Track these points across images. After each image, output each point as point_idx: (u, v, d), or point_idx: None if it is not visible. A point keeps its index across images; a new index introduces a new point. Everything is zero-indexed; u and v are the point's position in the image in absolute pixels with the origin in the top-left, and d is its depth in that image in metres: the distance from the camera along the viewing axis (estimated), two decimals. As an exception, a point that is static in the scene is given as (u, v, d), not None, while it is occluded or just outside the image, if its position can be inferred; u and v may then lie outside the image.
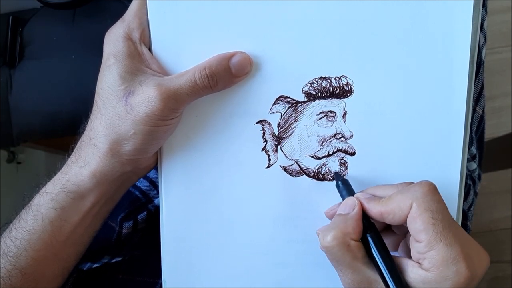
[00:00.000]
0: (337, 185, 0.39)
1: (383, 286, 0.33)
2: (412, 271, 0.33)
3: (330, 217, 0.39)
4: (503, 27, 1.23)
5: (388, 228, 0.39)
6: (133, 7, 0.39)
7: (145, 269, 0.51)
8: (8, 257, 0.38)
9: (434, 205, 0.33)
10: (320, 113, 0.40)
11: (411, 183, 0.36)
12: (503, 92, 1.24)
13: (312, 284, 0.42)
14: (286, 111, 0.40)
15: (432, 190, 0.33)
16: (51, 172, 0.41)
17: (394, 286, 0.32)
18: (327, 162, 0.40)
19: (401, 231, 0.38)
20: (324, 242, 0.34)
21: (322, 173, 0.40)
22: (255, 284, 0.42)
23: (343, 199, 0.38)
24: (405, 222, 0.33)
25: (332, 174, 0.40)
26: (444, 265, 0.31)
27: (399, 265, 0.34)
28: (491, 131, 1.17)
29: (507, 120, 1.23)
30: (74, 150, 0.40)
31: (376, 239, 0.35)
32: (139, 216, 0.51)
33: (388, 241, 0.37)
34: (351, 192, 0.38)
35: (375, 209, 0.35)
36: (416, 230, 0.32)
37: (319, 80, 0.39)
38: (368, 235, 0.35)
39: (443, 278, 0.31)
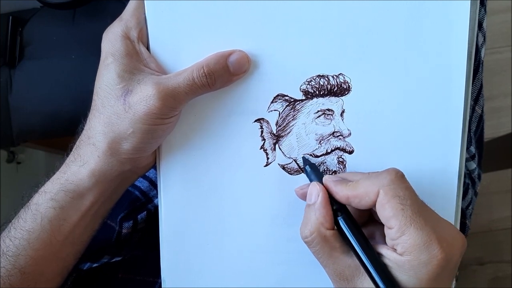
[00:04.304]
0: (305, 170, 0.39)
1: (364, 272, 0.33)
2: (387, 254, 0.33)
3: (300, 196, 0.40)
4: (503, 27, 1.23)
5: (372, 219, 0.39)
6: (130, 6, 0.39)
7: (144, 268, 0.51)
8: (8, 256, 0.38)
9: (402, 192, 0.33)
10: (318, 111, 0.40)
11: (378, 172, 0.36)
12: (503, 92, 1.24)
13: (311, 283, 0.42)
14: (284, 109, 0.40)
15: (399, 177, 0.34)
16: (50, 172, 0.41)
17: (369, 262, 0.33)
18: (325, 161, 0.40)
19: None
20: (302, 237, 0.35)
21: (320, 171, 0.40)
22: (254, 283, 0.42)
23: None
24: (372, 207, 0.34)
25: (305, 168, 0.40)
26: (417, 249, 0.31)
27: (376, 251, 0.34)
28: (491, 131, 1.18)
29: (507, 120, 1.23)
30: (73, 149, 0.40)
31: (348, 220, 0.35)
32: (138, 216, 0.51)
33: (376, 233, 0.37)
34: (319, 176, 0.38)
35: (342, 192, 0.35)
36: (386, 217, 0.33)
37: (317, 78, 0.39)
38: (339, 218, 0.35)
39: (418, 262, 0.31)
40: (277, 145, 0.40)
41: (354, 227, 0.34)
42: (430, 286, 0.32)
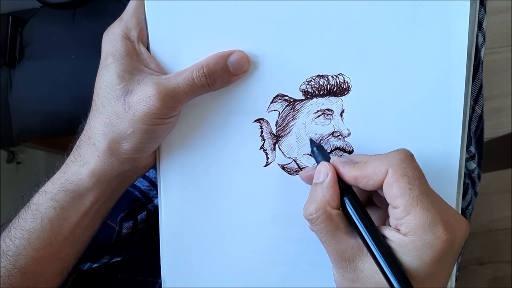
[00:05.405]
0: (312, 151, 0.39)
1: (367, 254, 0.33)
2: (390, 235, 0.33)
3: (305, 179, 0.39)
4: (503, 27, 1.23)
5: (372, 203, 0.38)
6: (130, 7, 0.39)
7: (144, 268, 0.51)
8: (8, 256, 0.38)
9: (411, 171, 0.32)
10: (318, 111, 0.40)
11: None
12: (503, 92, 1.24)
13: (311, 283, 0.42)
14: (284, 109, 0.40)
15: (409, 157, 0.33)
16: (50, 172, 0.41)
17: (374, 244, 0.32)
18: (325, 161, 0.40)
19: (383, 204, 0.38)
20: (306, 215, 0.34)
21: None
22: (254, 284, 0.42)
23: None
24: (379, 187, 0.33)
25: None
26: (421, 229, 0.31)
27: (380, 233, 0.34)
28: (491, 131, 1.18)
29: (507, 120, 1.23)
30: (73, 149, 0.40)
31: (354, 201, 0.34)
32: (138, 216, 0.51)
33: (373, 216, 0.36)
34: (326, 158, 0.37)
35: (349, 173, 0.35)
36: (393, 196, 0.32)
37: (317, 78, 0.39)
38: (345, 198, 0.34)
39: (421, 242, 0.31)
40: (276, 145, 0.40)
41: (359, 208, 0.34)
42: (433, 268, 0.32)
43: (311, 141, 0.40)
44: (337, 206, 0.34)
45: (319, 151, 0.38)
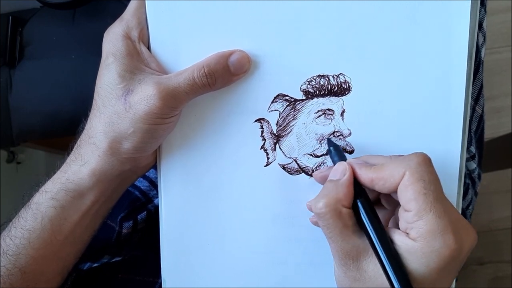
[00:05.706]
0: (329, 151, 0.39)
1: (372, 254, 0.33)
2: (399, 240, 0.33)
3: (319, 179, 0.39)
4: (503, 27, 1.24)
5: (378, 203, 0.38)
6: (131, 6, 0.39)
7: (144, 268, 0.51)
8: (8, 255, 0.38)
9: (427, 176, 0.32)
10: (319, 111, 0.40)
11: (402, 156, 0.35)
12: (503, 92, 1.24)
13: (311, 283, 0.42)
14: (284, 109, 0.40)
15: (427, 161, 0.33)
16: (50, 172, 0.41)
17: (382, 250, 0.32)
18: (325, 160, 0.40)
19: (391, 205, 0.38)
20: (316, 208, 0.34)
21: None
22: (254, 284, 0.42)
23: (334, 165, 0.37)
24: (395, 190, 0.33)
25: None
26: (432, 235, 0.31)
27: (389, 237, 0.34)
28: (491, 131, 1.18)
29: (507, 120, 1.23)
30: (74, 149, 0.40)
31: (366, 205, 0.34)
32: (139, 216, 0.51)
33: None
34: (342, 158, 0.37)
35: (366, 175, 0.35)
36: (407, 199, 0.32)
37: (317, 78, 0.39)
38: (358, 200, 0.34)
39: (430, 249, 0.31)
40: (277, 145, 0.40)
41: (371, 212, 0.34)
42: (437, 275, 0.32)
43: (329, 140, 0.40)
44: (349, 205, 0.34)
45: (336, 151, 0.38)
